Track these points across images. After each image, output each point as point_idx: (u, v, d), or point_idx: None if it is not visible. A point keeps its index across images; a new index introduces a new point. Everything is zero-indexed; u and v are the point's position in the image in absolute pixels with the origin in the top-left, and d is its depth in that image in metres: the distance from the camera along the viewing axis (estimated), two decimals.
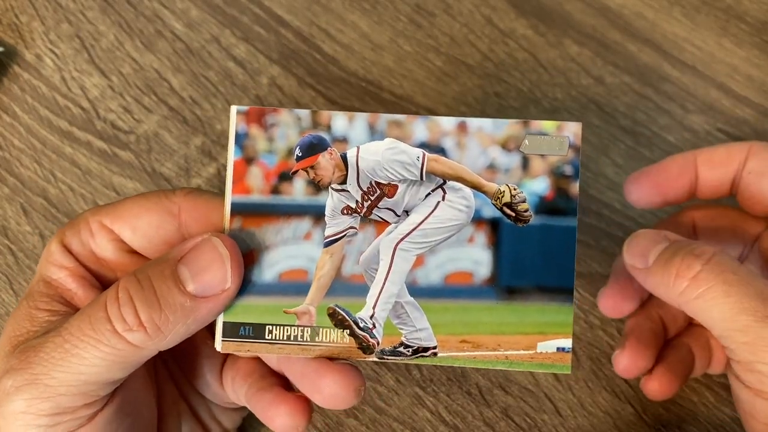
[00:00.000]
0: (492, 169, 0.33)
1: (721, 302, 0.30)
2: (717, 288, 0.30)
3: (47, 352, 0.29)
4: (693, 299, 0.31)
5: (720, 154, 0.36)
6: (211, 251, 0.30)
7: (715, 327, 0.31)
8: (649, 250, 0.33)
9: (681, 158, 0.37)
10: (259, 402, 0.34)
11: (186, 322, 0.30)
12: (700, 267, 0.31)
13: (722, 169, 0.36)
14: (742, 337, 0.30)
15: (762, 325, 0.29)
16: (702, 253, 0.31)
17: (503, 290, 0.33)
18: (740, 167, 0.36)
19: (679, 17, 0.48)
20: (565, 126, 0.32)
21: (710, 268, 0.31)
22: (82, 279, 0.33)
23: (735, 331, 0.30)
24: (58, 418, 0.29)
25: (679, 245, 0.33)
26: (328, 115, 0.33)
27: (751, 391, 0.31)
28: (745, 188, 0.36)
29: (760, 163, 0.35)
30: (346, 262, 0.33)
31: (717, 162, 0.36)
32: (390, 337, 0.32)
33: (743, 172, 0.36)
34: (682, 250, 0.32)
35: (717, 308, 0.30)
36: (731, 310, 0.30)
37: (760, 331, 0.29)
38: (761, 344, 0.29)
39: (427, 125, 0.33)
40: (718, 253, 0.31)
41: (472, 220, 0.33)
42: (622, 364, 0.37)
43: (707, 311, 0.31)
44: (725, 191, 0.37)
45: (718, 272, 0.31)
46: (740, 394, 0.32)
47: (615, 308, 0.37)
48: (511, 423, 0.41)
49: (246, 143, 0.33)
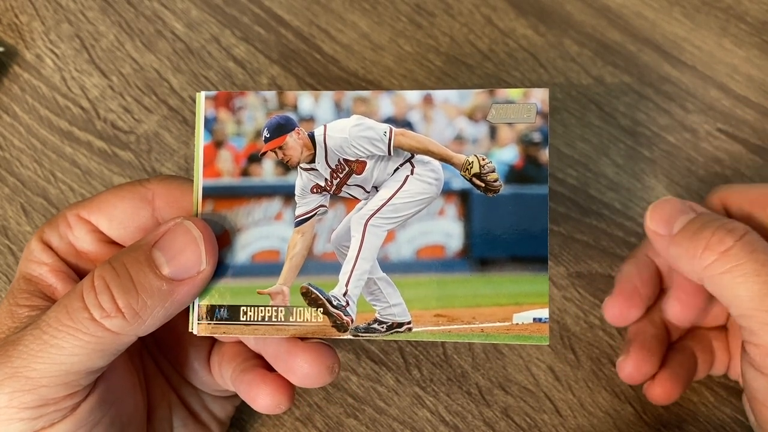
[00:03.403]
0: (460, 140, 0.32)
1: (751, 281, 0.30)
2: (747, 266, 0.30)
3: (26, 344, 0.29)
4: (719, 273, 0.31)
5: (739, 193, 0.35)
6: (184, 234, 0.31)
7: (739, 306, 0.30)
8: (675, 218, 0.33)
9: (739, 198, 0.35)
10: (242, 383, 0.34)
11: (164, 305, 0.30)
12: (732, 243, 0.30)
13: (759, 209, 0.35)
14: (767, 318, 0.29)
15: None
16: (734, 228, 0.31)
17: (476, 262, 0.32)
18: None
19: (679, 17, 0.48)
20: (532, 93, 0.32)
21: (742, 245, 0.30)
22: (61, 273, 0.33)
23: (761, 312, 0.30)
24: (41, 410, 0.29)
25: (709, 217, 0.32)
26: (294, 95, 0.33)
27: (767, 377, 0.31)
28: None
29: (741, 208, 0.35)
30: (318, 240, 0.33)
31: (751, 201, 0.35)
32: (364, 314, 0.32)
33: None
34: (713, 223, 0.31)
35: (745, 286, 0.30)
36: (760, 290, 0.30)
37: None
38: None
39: (393, 100, 0.33)
40: (750, 231, 0.31)
41: (441, 192, 0.33)
42: (626, 370, 0.36)
43: (733, 288, 0.30)
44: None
45: (750, 250, 0.30)
46: (754, 383, 0.31)
47: (621, 316, 0.37)
48: (511, 423, 0.41)
49: (215, 127, 0.33)
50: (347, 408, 0.42)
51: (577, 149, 0.46)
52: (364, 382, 0.42)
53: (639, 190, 0.45)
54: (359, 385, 0.42)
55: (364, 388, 0.42)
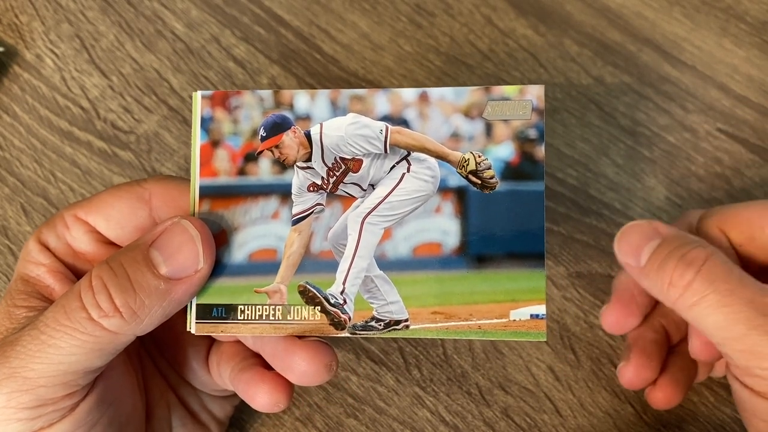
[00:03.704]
0: (456, 137, 0.32)
1: (715, 312, 0.30)
2: (710, 298, 0.30)
3: (24, 345, 0.29)
4: (687, 307, 0.31)
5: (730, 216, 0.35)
6: (181, 233, 0.31)
7: (711, 335, 0.31)
8: (641, 248, 0.33)
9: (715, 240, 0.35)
10: (241, 382, 0.34)
11: (161, 304, 0.30)
12: (692, 276, 0.31)
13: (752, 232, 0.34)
14: (738, 345, 0.30)
15: (755, 333, 0.29)
16: (694, 259, 0.31)
17: (473, 259, 0.32)
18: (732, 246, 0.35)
19: (679, 17, 0.48)
20: (527, 89, 0.32)
21: (703, 277, 0.30)
22: (59, 274, 0.33)
23: (731, 340, 0.30)
24: (39, 410, 0.29)
25: (671, 245, 0.32)
26: (290, 94, 0.34)
27: (751, 392, 0.31)
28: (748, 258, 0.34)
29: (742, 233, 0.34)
30: (315, 238, 0.33)
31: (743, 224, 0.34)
32: (361, 312, 0.32)
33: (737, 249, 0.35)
34: (675, 254, 0.31)
35: (711, 318, 0.30)
36: (725, 320, 0.30)
37: (754, 339, 0.29)
38: (756, 351, 0.29)
39: (389, 98, 0.33)
40: (710, 257, 0.31)
41: (438, 190, 0.33)
42: (627, 377, 0.36)
43: (702, 320, 0.31)
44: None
45: (711, 281, 0.30)
46: (740, 395, 0.32)
47: (618, 325, 0.37)
48: (511, 423, 0.41)
49: (211, 127, 0.33)
50: (347, 408, 0.42)
51: (577, 149, 0.46)
52: (364, 382, 0.42)
53: (639, 190, 0.45)
54: (359, 385, 0.42)
55: (364, 388, 0.42)
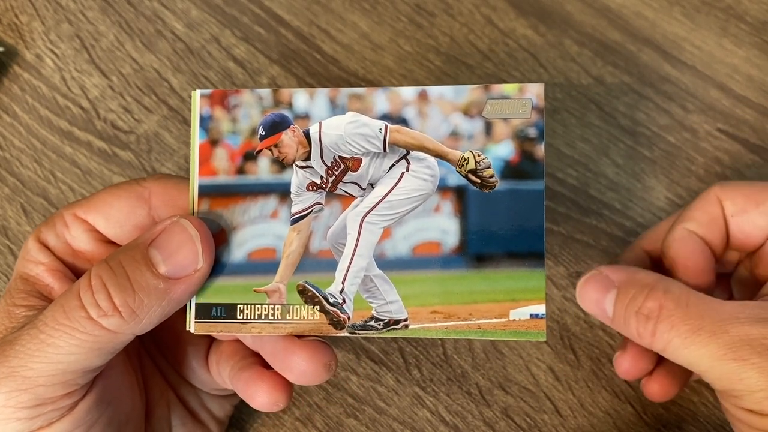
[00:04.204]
0: (455, 136, 0.32)
1: (683, 351, 0.31)
2: (674, 342, 0.31)
3: (22, 344, 0.29)
4: (661, 351, 0.32)
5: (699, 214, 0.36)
6: (181, 233, 0.31)
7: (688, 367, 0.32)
8: (602, 302, 0.33)
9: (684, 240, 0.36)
10: (240, 381, 0.34)
11: (161, 304, 0.30)
12: (653, 327, 0.32)
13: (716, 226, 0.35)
14: (712, 374, 0.31)
15: (723, 363, 0.30)
16: (650, 312, 0.32)
17: (473, 258, 0.32)
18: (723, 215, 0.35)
19: (679, 17, 0.48)
20: (527, 88, 0.32)
21: (663, 326, 0.31)
22: (58, 273, 0.33)
23: (704, 371, 0.31)
24: (38, 409, 0.29)
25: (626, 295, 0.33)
26: (289, 92, 0.33)
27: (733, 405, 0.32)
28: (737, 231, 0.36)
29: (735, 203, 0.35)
30: (314, 238, 0.33)
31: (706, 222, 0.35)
32: (360, 312, 0.32)
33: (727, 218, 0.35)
34: (631, 309, 0.32)
35: (682, 356, 0.31)
36: (693, 356, 0.31)
37: (724, 368, 0.30)
38: (730, 377, 0.30)
39: (388, 96, 0.33)
40: (664, 303, 0.32)
41: (437, 189, 0.33)
42: (623, 366, 0.37)
43: (676, 359, 0.32)
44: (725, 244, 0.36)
45: (670, 327, 0.31)
46: (725, 404, 0.33)
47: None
48: (511, 423, 0.41)
49: (210, 126, 0.33)
50: (347, 408, 0.42)
51: (577, 149, 0.46)
52: (364, 382, 0.42)
53: (639, 190, 0.45)
54: (359, 385, 0.42)
55: (364, 388, 0.42)
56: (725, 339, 0.30)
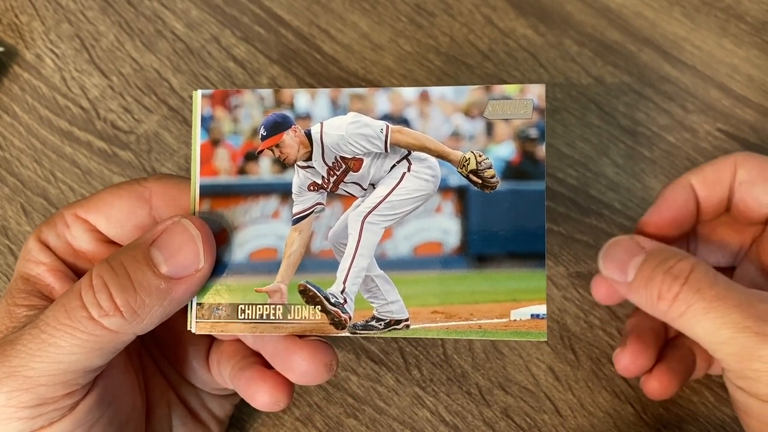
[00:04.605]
0: (456, 136, 0.32)
1: (703, 318, 0.31)
2: (697, 306, 0.31)
3: (24, 344, 0.29)
4: (677, 318, 0.32)
5: (710, 171, 0.36)
6: (182, 233, 0.31)
7: (702, 341, 0.32)
8: (627, 264, 0.34)
9: (679, 186, 0.37)
10: (241, 380, 0.34)
11: (162, 304, 0.30)
12: (679, 287, 0.31)
13: (718, 187, 0.36)
14: (728, 349, 0.31)
15: (744, 336, 0.30)
16: (680, 272, 0.32)
17: (474, 258, 0.32)
18: (732, 180, 0.36)
19: (679, 17, 0.48)
20: (528, 89, 0.32)
21: (689, 287, 0.31)
22: (59, 273, 0.33)
23: (720, 344, 0.31)
24: (39, 409, 0.29)
25: (656, 259, 0.33)
26: (291, 93, 0.34)
27: (744, 392, 0.31)
28: (738, 199, 0.36)
29: (749, 172, 0.36)
30: (315, 238, 0.33)
31: (711, 181, 0.36)
32: (362, 312, 0.32)
33: (735, 184, 0.36)
34: (660, 269, 0.32)
35: (700, 325, 0.31)
36: (713, 325, 0.31)
37: (743, 342, 0.30)
38: (746, 354, 0.30)
39: (389, 97, 0.33)
40: (696, 267, 0.32)
41: (438, 189, 0.33)
42: (622, 362, 0.37)
43: (692, 328, 0.31)
44: (723, 208, 0.37)
45: (697, 290, 0.31)
46: (735, 395, 0.33)
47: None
48: (511, 423, 0.41)
49: (212, 126, 0.33)
50: (347, 408, 0.42)
51: (577, 149, 0.46)
52: (364, 382, 0.42)
53: (639, 190, 0.45)
54: (359, 385, 0.42)
55: (364, 388, 0.42)
56: (751, 311, 0.30)
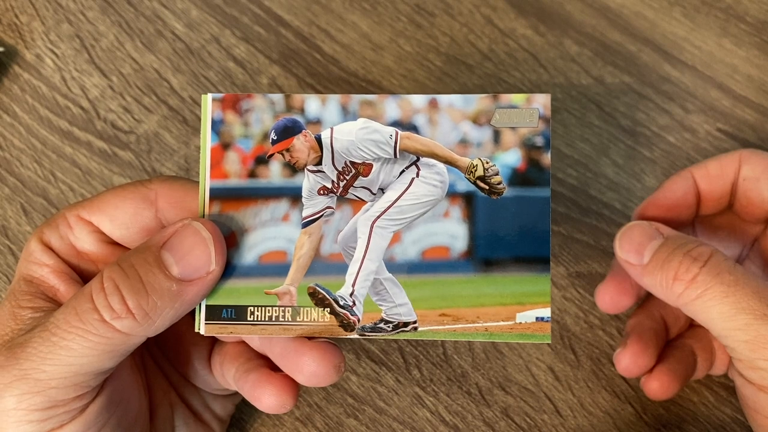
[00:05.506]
0: (464, 143, 0.33)
1: (720, 302, 0.31)
2: (715, 289, 0.31)
3: (35, 347, 0.29)
4: (692, 301, 0.31)
5: (714, 166, 0.36)
6: (193, 235, 0.31)
7: (714, 327, 0.31)
8: (644, 245, 0.33)
9: (680, 178, 0.37)
10: (246, 383, 0.34)
11: (173, 306, 0.30)
12: (698, 269, 0.31)
13: (720, 182, 0.36)
14: (743, 336, 0.30)
15: (761, 323, 0.30)
16: (699, 255, 0.32)
17: (480, 263, 0.33)
18: (735, 176, 0.36)
19: (679, 17, 0.48)
20: (534, 98, 0.32)
21: (708, 270, 0.31)
22: (63, 274, 0.33)
23: (735, 330, 0.30)
24: (50, 411, 0.29)
25: (674, 243, 0.33)
26: (301, 98, 0.34)
27: (754, 386, 0.31)
28: (742, 195, 0.36)
29: (753, 169, 0.36)
30: (325, 241, 0.34)
31: (714, 175, 0.36)
32: (370, 314, 0.33)
33: (738, 180, 0.36)
34: (679, 251, 0.32)
35: (716, 309, 0.31)
36: (730, 310, 0.30)
37: (759, 329, 0.30)
38: (761, 341, 0.30)
39: (399, 104, 0.33)
40: (715, 253, 0.32)
41: (446, 194, 0.34)
42: (623, 362, 0.37)
43: (706, 312, 0.31)
44: (725, 203, 0.37)
45: (715, 273, 0.31)
46: (743, 390, 0.32)
47: (612, 303, 0.37)
48: (511, 423, 0.41)
49: (222, 129, 0.34)
50: (347, 408, 0.42)
51: (577, 149, 0.46)
52: (364, 382, 0.42)
53: (639, 190, 0.45)
54: (359, 385, 0.42)
55: (364, 388, 0.42)
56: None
